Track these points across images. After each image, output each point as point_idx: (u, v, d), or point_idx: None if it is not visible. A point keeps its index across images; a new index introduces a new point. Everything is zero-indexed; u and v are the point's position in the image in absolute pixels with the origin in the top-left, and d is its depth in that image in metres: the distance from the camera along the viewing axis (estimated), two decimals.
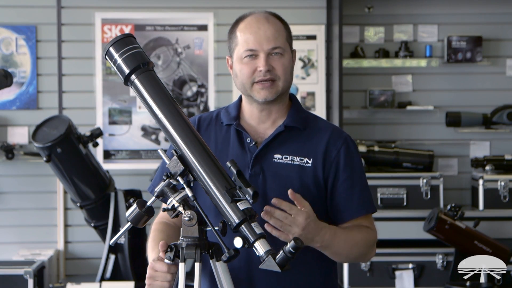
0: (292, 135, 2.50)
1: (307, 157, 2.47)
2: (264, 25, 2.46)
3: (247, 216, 2.22)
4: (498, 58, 6.03)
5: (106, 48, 2.40)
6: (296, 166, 2.46)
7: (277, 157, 2.48)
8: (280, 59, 2.45)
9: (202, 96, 5.88)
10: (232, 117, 2.54)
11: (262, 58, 2.43)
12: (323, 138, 2.49)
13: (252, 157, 2.47)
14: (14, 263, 5.35)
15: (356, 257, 2.51)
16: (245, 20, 2.49)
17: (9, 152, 5.69)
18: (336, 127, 2.56)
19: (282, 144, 2.49)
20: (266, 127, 2.52)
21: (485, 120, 5.92)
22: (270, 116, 2.52)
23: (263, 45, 2.44)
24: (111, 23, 5.82)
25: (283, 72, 2.45)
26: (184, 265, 2.28)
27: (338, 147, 2.48)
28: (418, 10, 6.01)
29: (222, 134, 2.53)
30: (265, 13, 2.51)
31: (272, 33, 2.45)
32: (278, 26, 2.49)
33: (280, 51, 2.45)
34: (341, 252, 2.44)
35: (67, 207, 5.81)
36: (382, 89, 5.98)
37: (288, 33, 2.52)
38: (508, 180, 5.61)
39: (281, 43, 2.46)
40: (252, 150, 2.49)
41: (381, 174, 5.66)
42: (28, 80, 5.82)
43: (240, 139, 2.51)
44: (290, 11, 5.85)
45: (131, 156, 5.86)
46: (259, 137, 2.52)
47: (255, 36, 2.44)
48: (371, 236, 2.52)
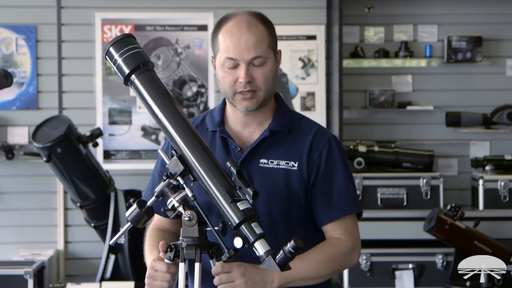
0: (277, 139, 2.49)
1: (292, 160, 2.46)
2: (245, 34, 2.40)
3: (247, 216, 2.22)
4: (498, 58, 6.03)
5: (106, 48, 2.39)
6: (282, 170, 2.46)
7: (263, 161, 2.47)
8: (261, 68, 2.41)
9: (202, 96, 5.88)
10: (216, 123, 2.53)
11: (242, 68, 2.40)
12: (307, 140, 2.48)
13: (238, 162, 2.46)
14: (14, 263, 5.35)
15: (332, 272, 2.45)
16: (228, 24, 2.44)
17: (9, 152, 5.69)
18: (320, 128, 2.53)
19: (268, 148, 2.48)
20: (251, 131, 2.51)
21: (485, 120, 5.91)
22: (254, 120, 2.51)
23: (243, 55, 2.40)
24: (111, 23, 5.82)
25: (264, 82, 2.42)
26: (184, 265, 2.28)
27: (320, 149, 2.47)
28: (418, 10, 6.01)
29: (208, 140, 2.50)
30: (248, 16, 2.45)
31: (253, 42, 2.40)
32: (260, 33, 2.42)
33: (261, 61, 2.41)
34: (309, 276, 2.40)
35: (67, 207, 5.81)
36: (382, 89, 5.98)
37: (272, 36, 2.46)
38: (508, 180, 5.61)
39: (262, 52, 2.41)
40: (238, 156, 2.48)
41: (381, 174, 5.66)
42: (28, 80, 5.82)
43: (226, 145, 2.51)
44: (290, 11, 5.85)
45: (131, 156, 5.86)
46: (244, 141, 2.51)
47: (235, 45, 2.40)
48: (342, 246, 2.45)
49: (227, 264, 2.30)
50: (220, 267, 2.30)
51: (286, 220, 2.46)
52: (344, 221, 2.47)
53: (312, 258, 2.41)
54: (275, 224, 2.44)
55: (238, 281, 2.30)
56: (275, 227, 2.43)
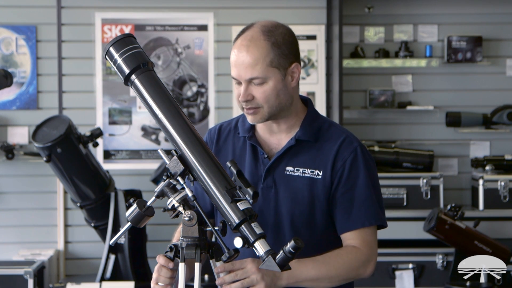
0: (303, 147, 2.48)
1: (317, 169, 2.46)
2: (242, 54, 2.39)
3: (247, 216, 2.22)
4: (498, 58, 6.03)
5: (106, 48, 2.40)
6: (306, 179, 2.46)
7: (289, 169, 2.47)
8: (261, 87, 2.40)
9: (202, 96, 5.88)
10: (246, 129, 2.54)
11: (242, 87, 2.42)
12: (333, 149, 2.47)
13: (265, 169, 2.48)
14: (14, 263, 5.35)
15: (343, 279, 2.43)
16: (238, 39, 2.43)
17: (9, 152, 5.69)
18: (348, 136, 2.52)
19: (294, 156, 2.48)
20: (279, 138, 2.52)
21: (485, 120, 5.91)
22: (280, 128, 2.51)
23: (241, 75, 2.40)
24: (111, 23, 5.82)
25: (265, 100, 2.41)
26: (184, 265, 2.28)
27: (345, 158, 2.46)
28: (418, 10, 6.01)
29: (239, 145, 2.54)
30: (254, 32, 2.41)
31: (249, 62, 2.38)
32: (258, 53, 2.39)
33: (259, 81, 2.40)
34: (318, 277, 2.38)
35: (67, 207, 5.81)
36: (382, 89, 5.98)
37: (278, 53, 2.40)
38: (508, 180, 5.61)
39: (259, 73, 2.39)
40: (265, 163, 2.49)
41: (381, 174, 5.65)
42: (28, 80, 5.82)
43: (254, 151, 2.52)
44: (290, 11, 5.85)
45: (131, 156, 5.86)
46: (272, 148, 2.52)
47: (235, 64, 2.41)
48: (358, 255, 2.44)
49: (238, 261, 2.30)
50: (232, 265, 2.29)
51: (309, 227, 2.45)
52: (363, 231, 2.46)
53: (324, 261, 2.40)
54: (297, 230, 2.44)
55: (254, 276, 2.29)
56: (298, 234, 2.42)
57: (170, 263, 2.32)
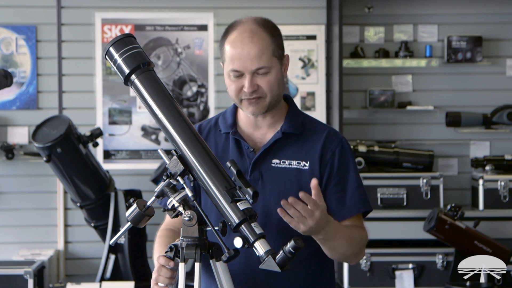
0: (289, 140, 2.53)
1: (304, 160, 2.51)
2: (248, 45, 2.42)
3: (247, 216, 2.23)
4: (498, 58, 6.03)
5: (106, 48, 2.40)
6: (294, 170, 2.50)
7: (275, 162, 2.51)
8: (265, 77, 2.45)
9: (202, 96, 5.88)
10: (228, 125, 2.57)
11: (247, 78, 2.43)
12: (319, 141, 2.52)
13: (251, 163, 2.50)
14: (14, 263, 5.35)
15: (350, 255, 2.51)
16: (233, 33, 2.45)
17: (9, 152, 5.69)
18: (331, 129, 2.59)
19: (280, 149, 2.52)
20: (263, 132, 2.55)
21: (485, 120, 5.91)
22: (264, 122, 2.54)
23: (247, 66, 2.42)
24: (111, 23, 5.82)
25: (269, 89, 2.46)
26: (184, 265, 2.28)
27: (333, 149, 2.52)
28: (418, 10, 6.01)
29: (221, 141, 2.56)
30: (252, 25, 2.46)
31: (256, 53, 2.42)
32: (263, 43, 2.44)
33: (265, 70, 2.44)
34: (339, 248, 2.45)
35: (67, 207, 5.81)
36: (382, 89, 5.98)
37: (276, 43, 2.48)
38: (508, 180, 5.61)
39: (265, 62, 2.43)
40: (250, 156, 2.52)
41: (381, 174, 5.66)
42: (28, 80, 5.82)
43: (239, 146, 2.54)
44: (290, 11, 5.85)
45: (131, 156, 5.86)
46: (256, 143, 2.55)
47: (239, 56, 2.42)
48: (364, 236, 2.54)
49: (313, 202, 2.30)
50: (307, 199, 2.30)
51: None
52: (358, 217, 2.54)
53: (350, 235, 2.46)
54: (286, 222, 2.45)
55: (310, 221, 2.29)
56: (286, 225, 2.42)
57: (170, 263, 2.33)
